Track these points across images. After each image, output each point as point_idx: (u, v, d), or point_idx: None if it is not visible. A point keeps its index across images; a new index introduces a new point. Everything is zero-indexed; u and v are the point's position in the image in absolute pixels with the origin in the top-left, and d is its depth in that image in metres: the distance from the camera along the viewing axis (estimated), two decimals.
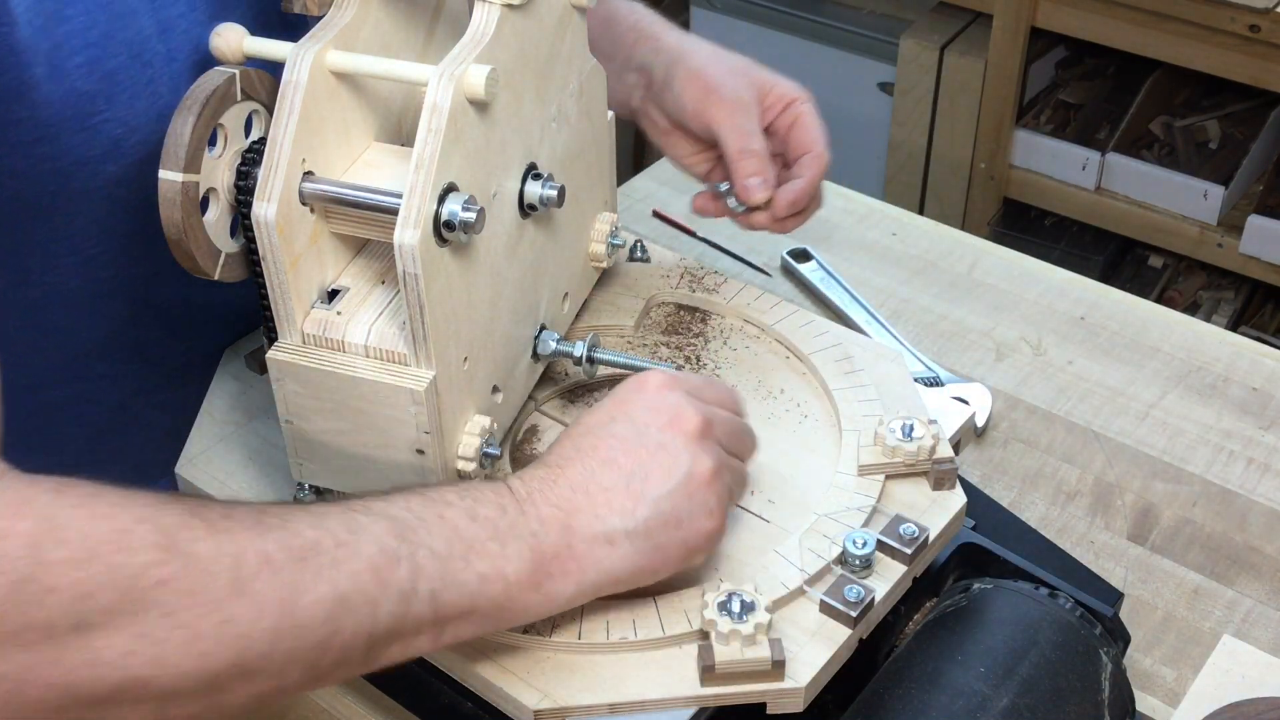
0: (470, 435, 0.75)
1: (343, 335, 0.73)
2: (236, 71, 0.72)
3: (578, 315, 0.91)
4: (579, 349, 0.83)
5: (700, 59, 0.94)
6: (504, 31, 0.72)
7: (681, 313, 0.94)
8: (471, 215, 0.68)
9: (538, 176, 0.77)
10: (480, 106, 0.70)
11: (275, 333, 0.75)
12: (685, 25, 2.57)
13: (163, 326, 0.88)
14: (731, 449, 0.74)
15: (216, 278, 0.75)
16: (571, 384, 0.89)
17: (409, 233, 0.67)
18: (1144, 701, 0.86)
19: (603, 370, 0.87)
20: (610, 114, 0.89)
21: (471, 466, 0.75)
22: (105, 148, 0.74)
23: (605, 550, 0.69)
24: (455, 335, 0.73)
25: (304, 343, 0.74)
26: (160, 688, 0.56)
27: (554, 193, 0.77)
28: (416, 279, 0.68)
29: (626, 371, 0.88)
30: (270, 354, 0.74)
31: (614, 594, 0.75)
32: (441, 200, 0.68)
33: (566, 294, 0.88)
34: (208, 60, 0.75)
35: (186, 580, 0.56)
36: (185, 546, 0.57)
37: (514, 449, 0.85)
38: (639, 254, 0.98)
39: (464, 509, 0.66)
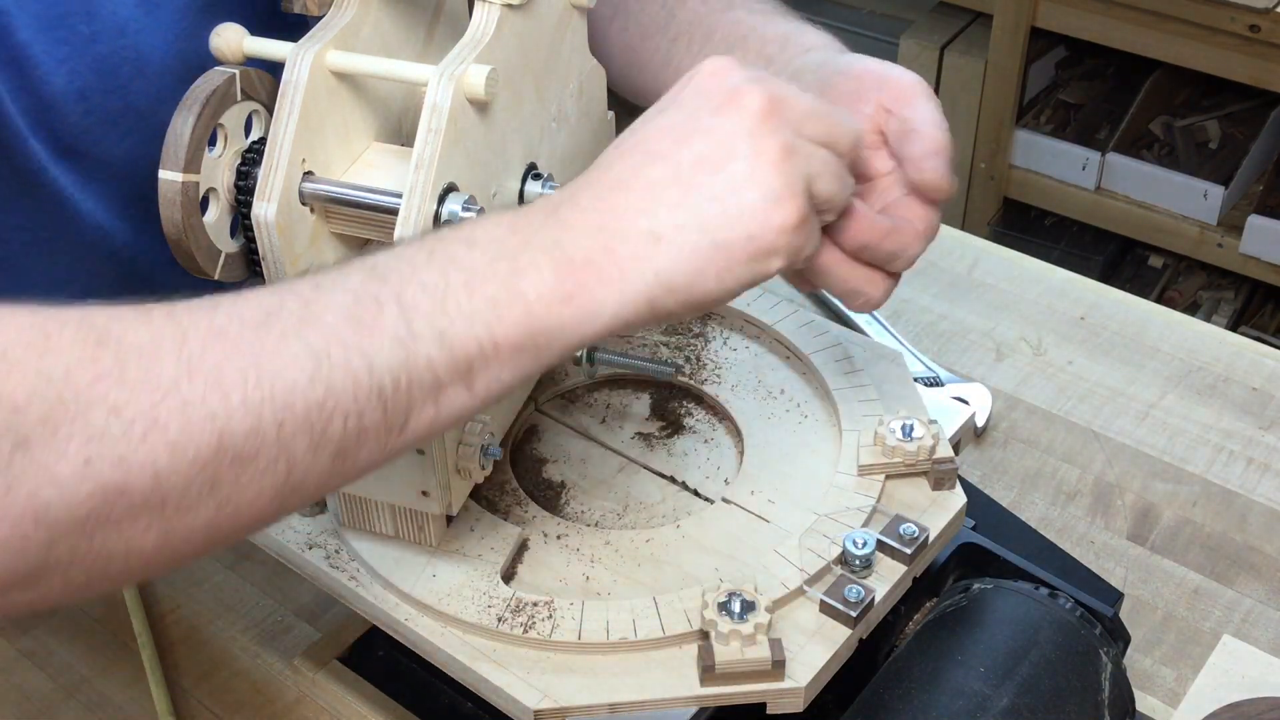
0: (471, 434, 0.75)
1: None
2: (236, 71, 0.73)
3: None
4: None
5: (866, 60, 0.79)
6: (504, 31, 0.72)
7: None
8: (472, 215, 0.68)
9: (538, 176, 0.77)
10: (480, 106, 0.70)
11: None
12: None
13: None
14: (814, 134, 0.62)
15: (217, 278, 0.75)
16: (571, 384, 0.89)
17: (409, 232, 0.67)
18: (1144, 701, 0.86)
19: (603, 370, 0.87)
20: (610, 114, 0.89)
21: (472, 465, 0.75)
22: (16, 126, 0.74)
23: (650, 248, 0.58)
24: None
25: None
26: (143, 492, 0.51)
27: (553, 192, 0.77)
28: None
29: (626, 371, 0.88)
30: None
31: (612, 592, 0.75)
32: (442, 200, 0.68)
33: None
34: (137, 47, 0.76)
35: (126, 370, 0.51)
36: (118, 337, 0.51)
37: (514, 449, 0.85)
38: None
39: (460, 238, 0.59)
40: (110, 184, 0.82)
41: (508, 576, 0.76)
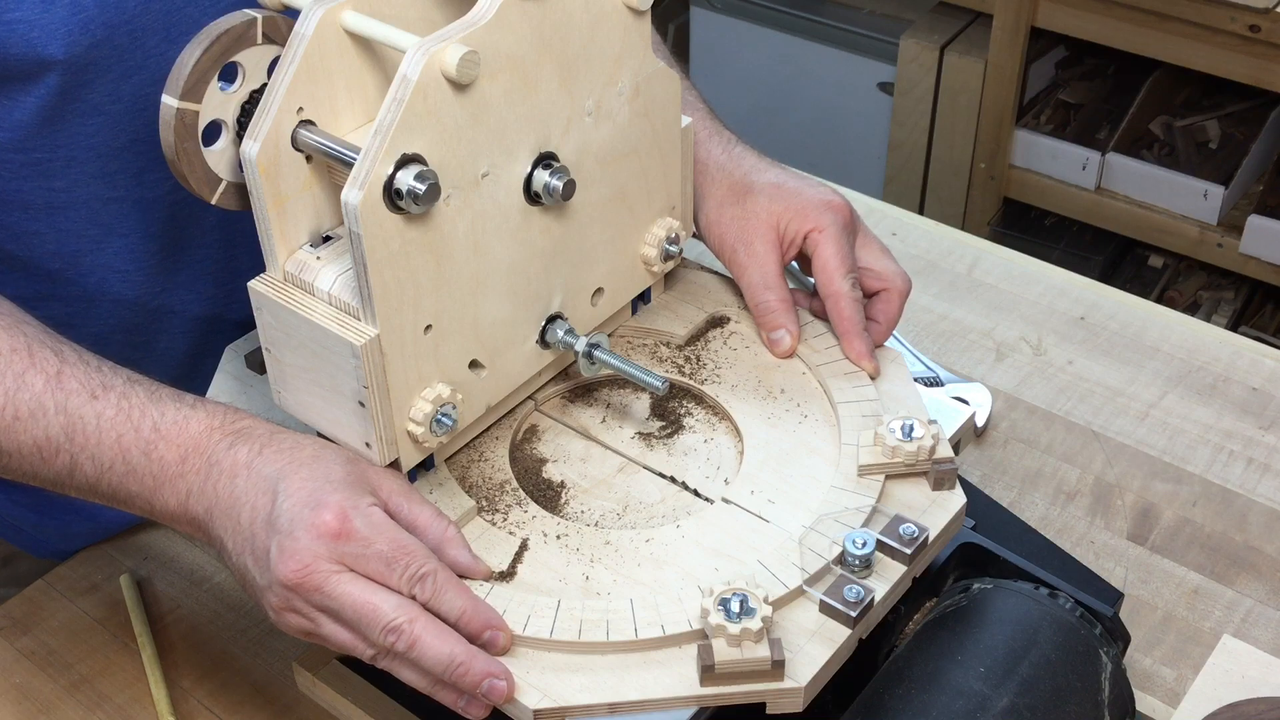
0: (424, 401, 0.76)
1: (314, 279, 0.75)
2: (259, 16, 0.74)
3: (632, 314, 0.92)
4: (580, 343, 0.83)
5: (721, 210, 0.92)
6: (509, 17, 0.72)
7: None
8: (421, 187, 0.70)
9: (548, 167, 0.77)
10: (459, 86, 0.71)
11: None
12: (684, 26, 2.56)
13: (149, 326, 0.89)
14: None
15: (214, 203, 0.77)
16: (571, 384, 0.89)
17: (354, 193, 0.69)
18: (1144, 701, 0.86)
19: (603, 370, 0.86)
20: (686, 120, 0.88)
21: (420, 430, 0.76)
22: None
23: (222, 549, 0.75)
24: (412, 301, 0.74)
25: (284, 280, 0.76)
26: None
27: (560, 184, 0.77)
28: (359, 238, 0.70)
29: (618, 376, 0.88)
30: (252, 283, 0.77)
31: (612, 592, 0.75)
32: (400, 168, 0.69)
33: (600, 290, 0.88)
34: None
35: None
36: None
37: (514, 449, 0.85)
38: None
39: (144, 442, 0.74)
40: None
41: (508, 576, 0.76)
